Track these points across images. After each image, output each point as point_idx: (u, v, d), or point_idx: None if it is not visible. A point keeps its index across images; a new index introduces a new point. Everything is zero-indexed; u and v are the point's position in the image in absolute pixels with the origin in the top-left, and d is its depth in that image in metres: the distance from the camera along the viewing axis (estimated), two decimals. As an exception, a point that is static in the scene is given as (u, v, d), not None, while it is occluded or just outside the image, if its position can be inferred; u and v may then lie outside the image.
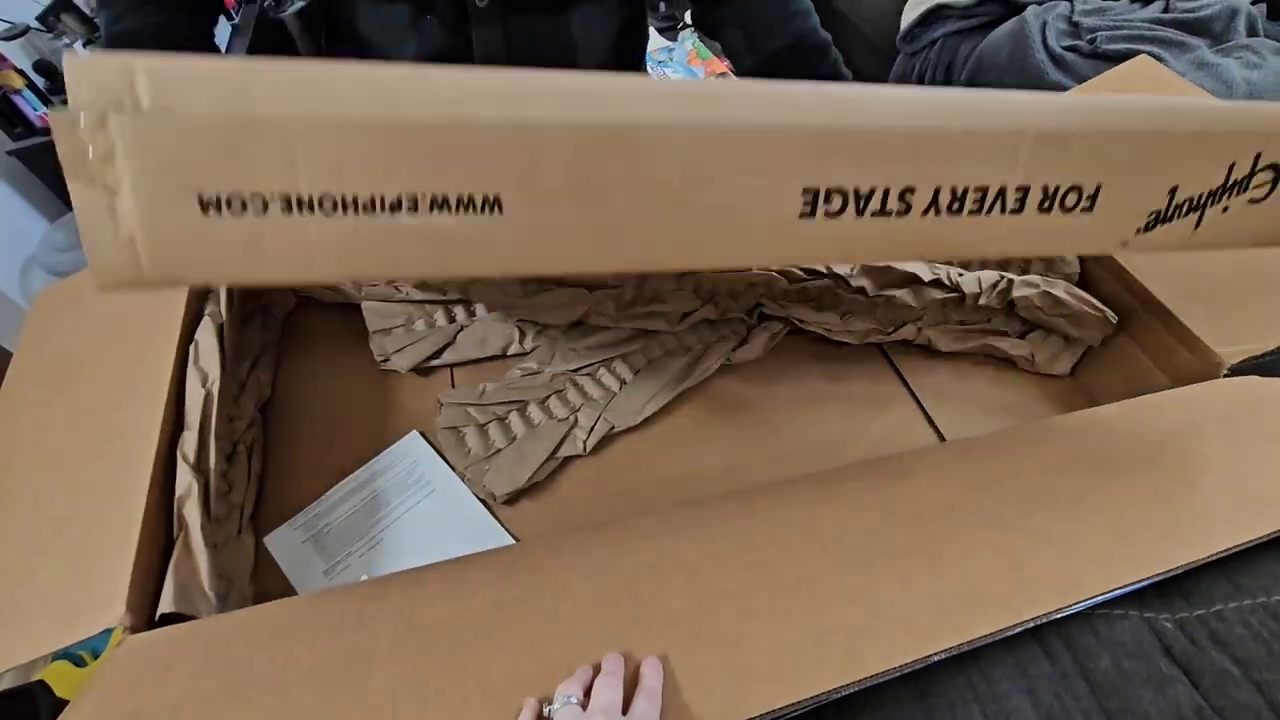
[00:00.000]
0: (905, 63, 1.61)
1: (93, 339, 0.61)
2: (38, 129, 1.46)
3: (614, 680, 0.34)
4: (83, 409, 0.55)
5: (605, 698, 0.33)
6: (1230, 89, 1.05)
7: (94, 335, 0.61)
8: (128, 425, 0.52)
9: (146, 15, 0.58)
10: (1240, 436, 0.43)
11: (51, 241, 1.47)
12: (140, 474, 0.47)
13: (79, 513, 0.47)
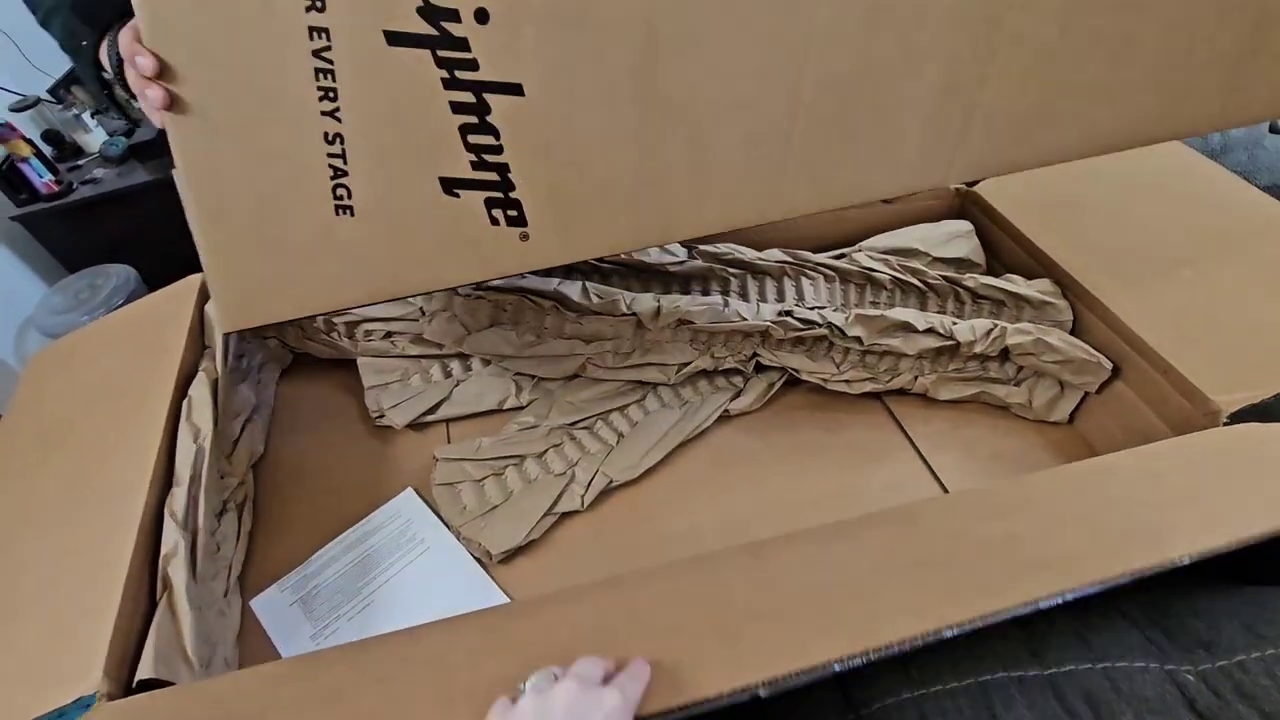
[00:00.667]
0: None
1: (85, 398, 0.60)
2: (41, 195, 1.49)
3: (598, 661, 0.34)
4: (71, 470, 0.54)
5: (584, 667, 0.33)
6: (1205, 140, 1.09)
7: (87, 395, 0.61)
8: (115, 484, 0.50)
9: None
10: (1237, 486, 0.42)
11: (49, 304, 1.47)
12: (126, 533, 0.46)
13: (62, 576, 0.46)
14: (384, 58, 0.36)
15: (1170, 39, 0.44)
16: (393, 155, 0.39)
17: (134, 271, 1.54)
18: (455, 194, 0.40)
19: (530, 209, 0.41)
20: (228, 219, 0.40)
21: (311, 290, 0.42)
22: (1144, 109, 0.46)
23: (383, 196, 0.40)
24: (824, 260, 0.68)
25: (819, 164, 0.44)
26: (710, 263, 0.67)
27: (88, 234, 1.55)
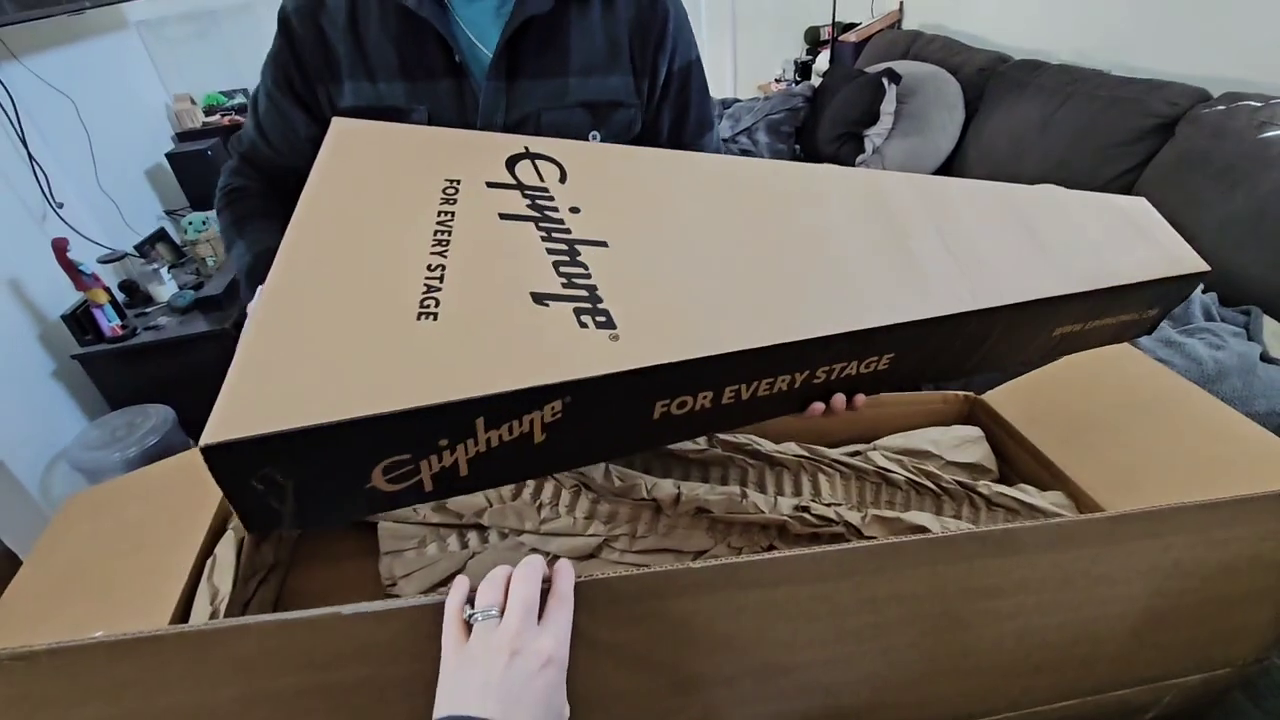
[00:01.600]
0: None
1: (110, 548, 0.61)
2: (106, 338, 1.60)
3: (532, 573, 0.39)
4: (82, 621, 0.54)
5: (522, 592, 0.38)
6: (1200, 366, 1.14)
7: (112, 544, 0.62)
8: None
9: (270, 234, 0.69)
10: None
11: (85, 439, 1.52)
12: (125, 700, 0.45)
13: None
14: (496, 224, 0.45)
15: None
16: (487, 276, 0.42)
17: (172, 412, 1.61)
18: (545, 304, 0.40)
19: (619, 316, 0.40)
20: (290, 316, 0.38)
21: (367, 389, 0.34)
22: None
23: (471, 304, 0.40)
24: (839, 457, 0.70)
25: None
26: (730, 452, 0.70)
27: (138, 375, 1.64)
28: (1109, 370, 0.76)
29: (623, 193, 0.50)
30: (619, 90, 0.69)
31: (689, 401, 0.42)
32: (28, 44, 1.70)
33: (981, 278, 0.49)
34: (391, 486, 0.36)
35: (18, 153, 1.62)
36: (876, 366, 0.47)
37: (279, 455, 0.32)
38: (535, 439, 0.38)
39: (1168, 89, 1.70)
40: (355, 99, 0.67)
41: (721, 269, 0.46)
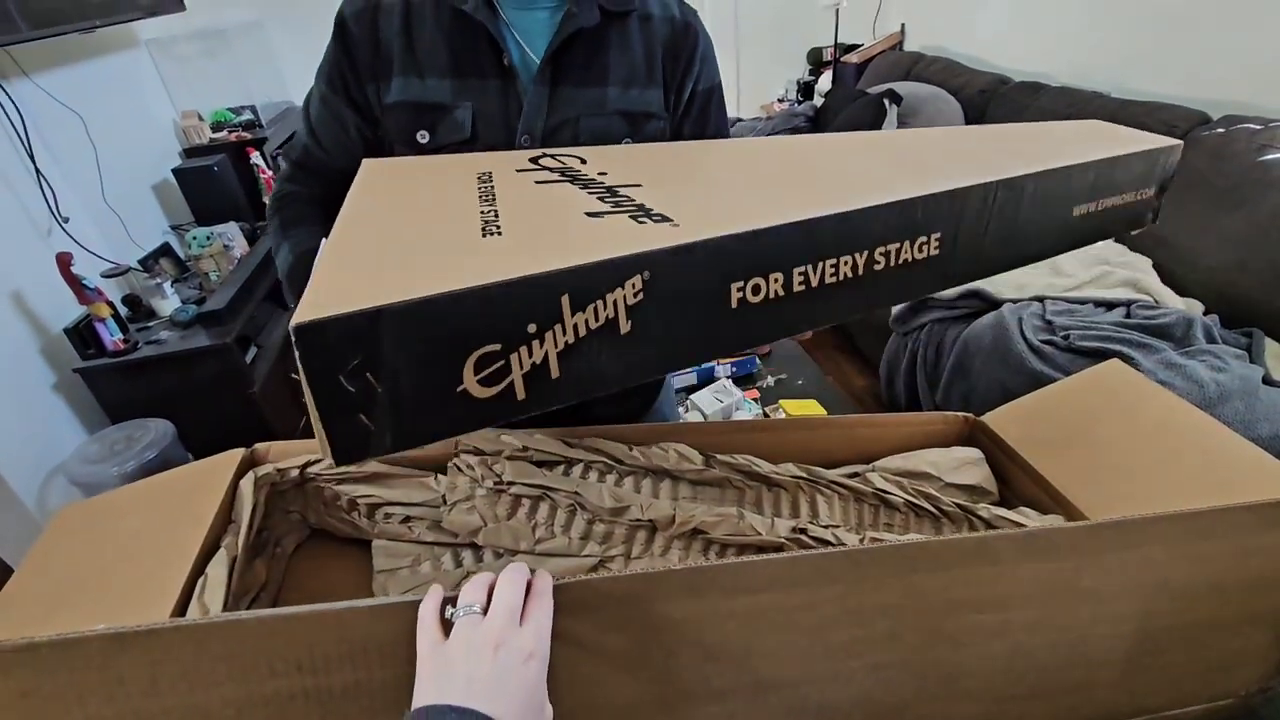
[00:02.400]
0: (898, 340, 1.78)
1: (103, 561, 0.61)
2: (108, 351, 1.60)
3: (517, 577, 0.40)
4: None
5: (507, 594, 0.38)
6: (1202, 388, 1.14)
7: (105, 558, 0.61)
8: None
9: (313, 235, 0.73)
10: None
11: (84, 453, 1.52)
12: None
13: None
14: (534, 188, 0.50)
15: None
16: (539, 211, 0.45)
17: (172, 426, 1.61)
18: (601, 217, 0.43)
19: (674, 215, 0.43)
20: (365, 233, 0.41)
21: (454, 272, 0.34)
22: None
23: (531, 226, 0.42)
24: (837, 478, 0.70)
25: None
26: (727, 472, 0.70)
27: (138, 389, 1.65)
28: (1110, 393, 0.76)
29: (644, 164, 0.56)
30: (653, 103, 0.73)
31: (761, 285, 0.42)
32: (39, 62, 1.72)
33: (994, 162, 0.54)
34: (485, 390, 0.35)
35: (25, 168, 1.63)
36: (929, 250, 0.50)
37: (369, 341, 0.31)
38: (621, 327, 0.37)
39: (1167, 111, 1.72)
40: (402, 94, 0.69)
41: (752, 183, 0.52)
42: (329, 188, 0.76)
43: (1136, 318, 1.39)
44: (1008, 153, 0.59)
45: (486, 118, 0.69)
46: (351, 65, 0.70)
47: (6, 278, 1.54)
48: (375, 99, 0.71)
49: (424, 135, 0.69)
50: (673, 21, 0.73)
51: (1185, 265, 1.57)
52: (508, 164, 0.54)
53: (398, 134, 0.70)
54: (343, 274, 0.35)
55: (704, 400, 1.45)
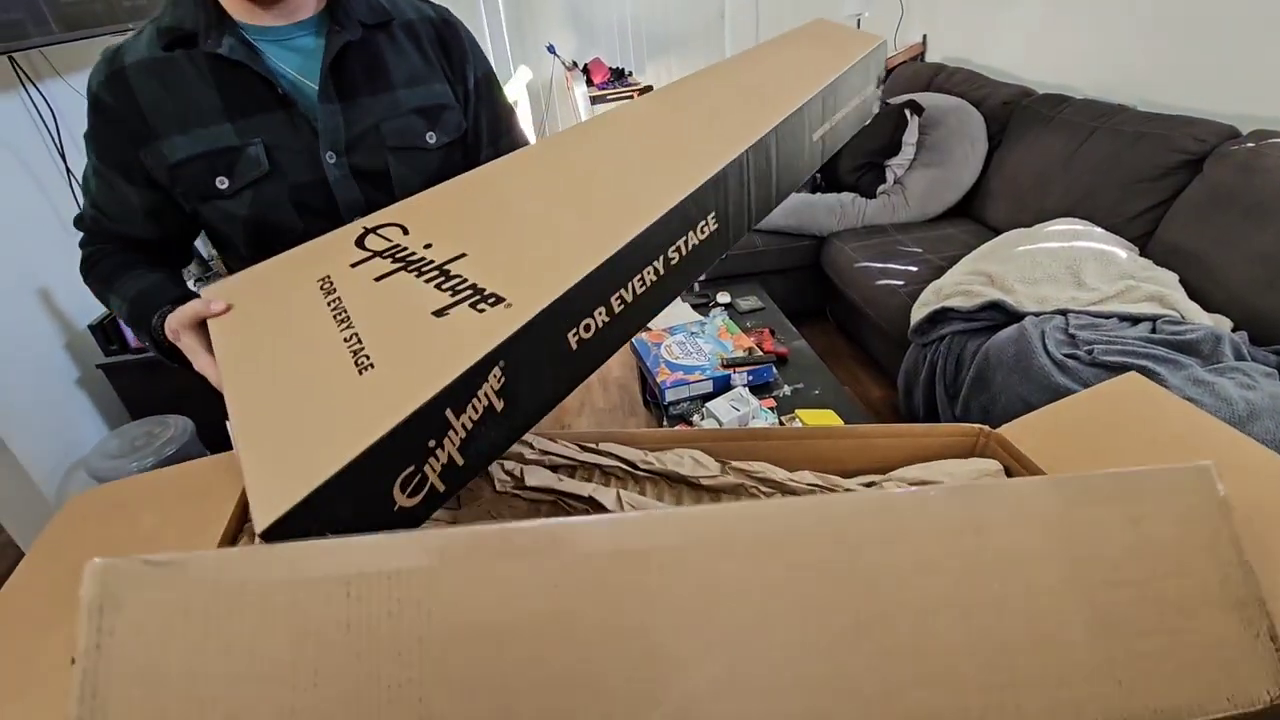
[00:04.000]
0: (917, 352, 1.76)
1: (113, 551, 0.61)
2: (131, 348, 1.63)
3: None
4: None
5: None
6: (1231, 406, 1.11)
7: (116, 547, 0.61)
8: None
9: (135, 279, 0.73)
10: None
11: (105, 448, 1.54)
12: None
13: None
14: (375, 287, 0.55)
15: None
16: (392, 322, 0.50)
17: (191, 423, 1.63)
18: (446, 314, 0.49)
19: (504, 291, 0.49)
20: (264, 421, 0.46)
21: (355, 431, 0.40)
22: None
23: (392, 344, 0.48)
24: (854, 487, 0.69)
25: None
26: (742, 479, 0.69)
27: (160, 385, 1.67)
28: (1128, 406, 0.74)
29: (454, 217, 0.63)
30: (442, 95, 0.78)
31: (591, 323, 0.50)
32: (72, 62, 1.76)
33: (737, 130, 0.61)
34: (413, 500, 0.43)
35: (55, 166, 1.67)
36: (709, 230, 0.58)
37: (319, 509, 0.38)
38: (497, 408, 0.46)
39: (1196, 125, 1.69)
40: (190, 148, 0.69)
41: (554, 226, 0.57)
42: (130, 250, 0.77)
43: (1162, 333, 1.37)
44: (748, 105, 0.67)
45: (282, 148, 0.70)
46: (117, 137, 0.69)
47: (35, 274, 1.58)
48: (153, 163, 0.70)
49: (223, 180, 0.70)
50: (433, 21, 0.78)
51: (1213, 281, 1.54)
52: (338, 258, 0.59)
53: (193, 188, 0.70)
54: (269, 466, 0.41)
55: (720, 408, 1.44)
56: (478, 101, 0.82)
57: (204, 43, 0.67)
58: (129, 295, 0.72)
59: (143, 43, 0.69)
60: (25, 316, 1.55)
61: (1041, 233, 1.80)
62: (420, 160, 0.77)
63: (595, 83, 3.74)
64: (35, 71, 1.62)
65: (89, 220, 0.77)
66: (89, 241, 0.78)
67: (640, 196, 0.56)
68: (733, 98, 0.70)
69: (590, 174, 0.64)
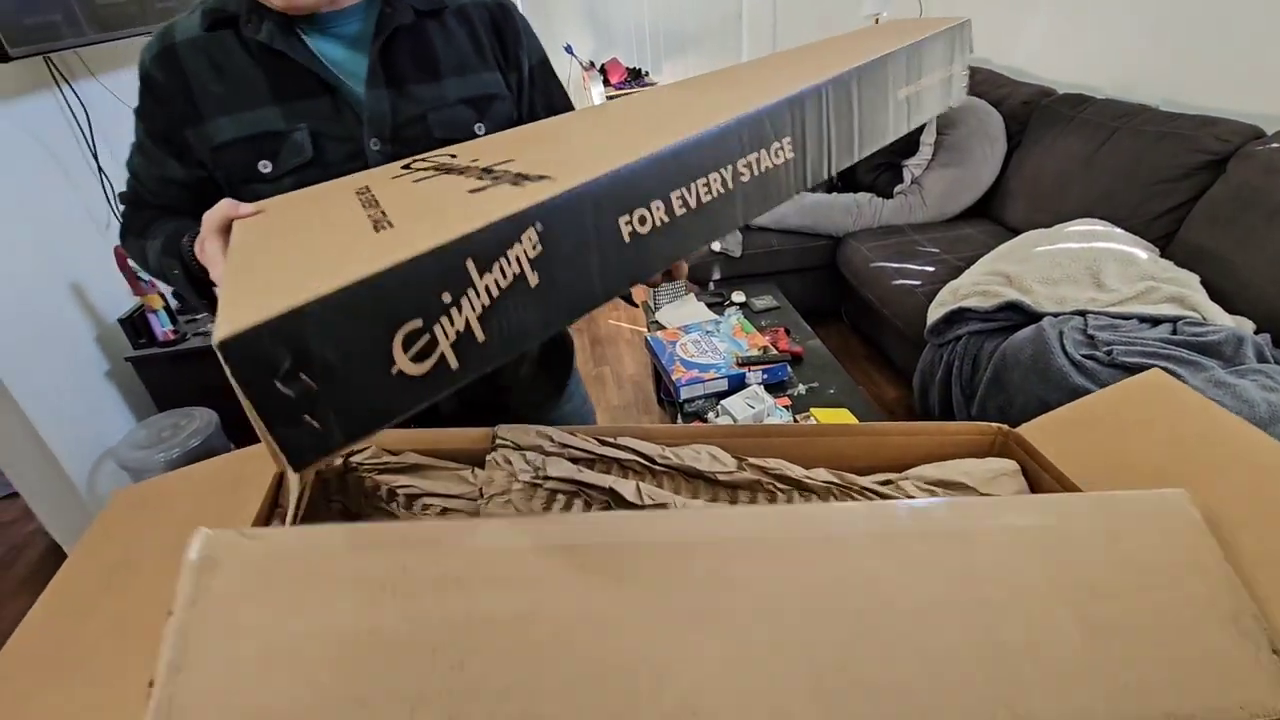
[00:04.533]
0: (932, 353, 1.75)
1: (155, 545, 0.63)
2: (158, 341, 1.67)
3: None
4: (126, 618, 0.55)
5: None
6: (1252, 408, 1.10)
7: (157, 541, 0.64)
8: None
9: (171, 223, 0.73)
10: None
11: (133, 439, 1.58)
12: (163, 690, 0.46)
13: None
14: (414, 187, 0.52)
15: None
16: (423, 201, 0.47)
17: (215, 415, 1.66)
18: (483, 190, 0.46)
19: (550, 171, 0.46)
20: (263, 245, 0.45)
21: (362, 260, 0.35)
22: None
23: (418, 209, 0.45)
24: (870, 485, 0.69)
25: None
26: (758, 475, 0.70)
27: (185, 378, 1.71)
28: (1150, 404, 0.74)
29: (512, 143, 0.58)
30: (492, 84, 0.75)
31: (647, 215, 0.46)
32: (105, 63, 1.80)
33: (821, 69, 0.60)
34: (420, 367, 0.35)
35: (88, 164, 1.71)
36: (784, 155, 0.56)
37: (295, 340, 0.31)
38: (530, 281, 0.39)
39: (1219, 125, 1.67)
40: (235, 131, 0.69)
41: (616, 136, 0.55)
42: (169, 217, 0.77)
43: (1183, 334, 1.36)
44: (829, 60, 0.66)
45: (326, 135, 0.69)
46: (164, 113, 0.70)
47: (68, 269, 1.62)
48: (195, 143, 0.70)
49: (266, 165, 0.69)
50: (488, 5, 0.76)
51: (1236, 282, 1.52)
52: (382, 175, 0.57)
53: (237, 170, 0.70)
54: (251, 288, 0.35)
55: (735, 406, 1.45)
56: (532, 89, 0.79)
57: (244, 27, 0.67)
58: (163, 234, 0.71)
59: (194, 20, 0.69)
60: (58, 311, 1.59)
61: (1061, 233, 1.79)
62: None
63: (612, 83, 3.76)
64: (70, 71, 1.66)
65: (130, 193, 0.77)
66: (128, 215, 0.78)
67: (711, 111, 0.53)
68: (804, 61, 0.68)
69: (654, 113, 0.61)
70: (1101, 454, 0.69)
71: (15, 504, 1.84)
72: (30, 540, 1.82)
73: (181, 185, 0.73)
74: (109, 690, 0.48)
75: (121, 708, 0.46)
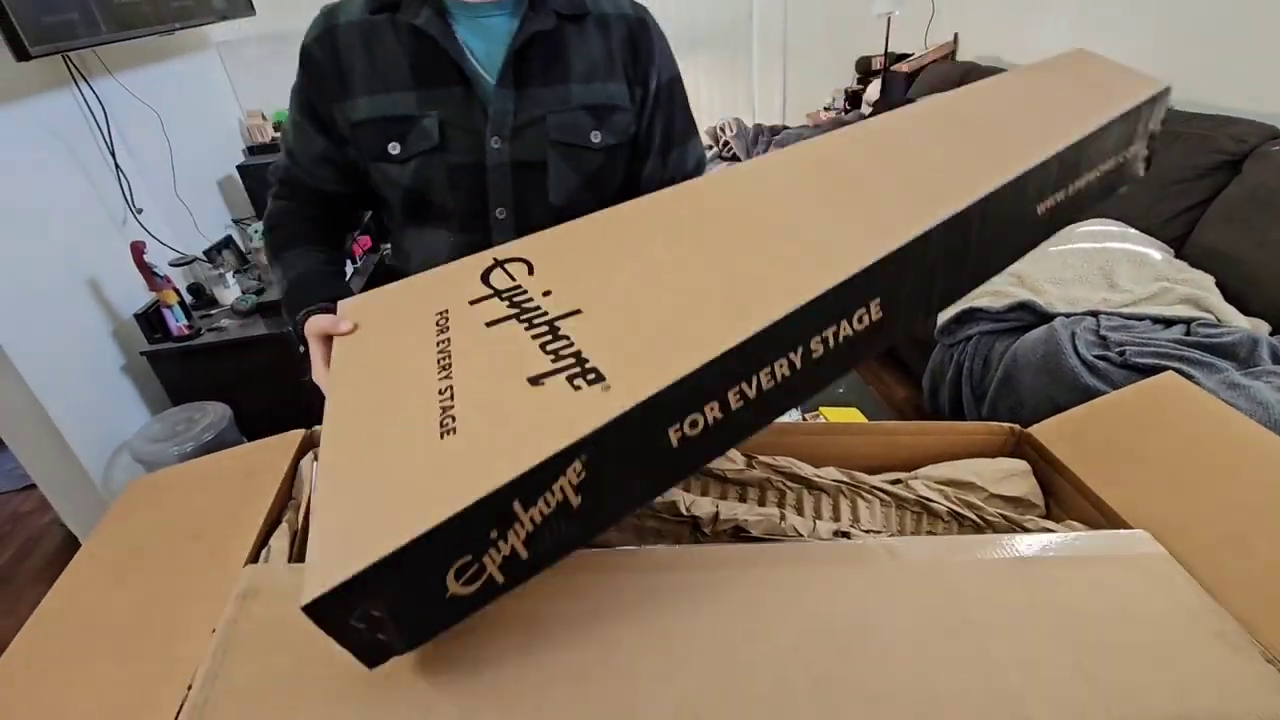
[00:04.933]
0: (943, 353, 1.74)
1: (170, 534, 0.64)
2: (173, 336, 1.69)
3: None
4: (140, 603, 0.56)
5: None
6: (1267, 410, 1.09)
7: (172, 530, 0.65)
8: (179, 627, 0.52)
9: (300, 257, 0.78)
10: None
11: (148, 432, 1.60)
12: (181, 680, 0.47)
13: (108, 715, 0.46)
14: (484, 333, 0.52)
15: None
16: (488, 379, 0.48)
17: (229, 409, 1.68)
18: (541, 383, 0.45)
19: (607, 368, 0.44)
20: (343, 479, 0.44)
21: (413, 513, 0.39)
22: None
23: (481, 409, 0.45)
24: (880, 484, 0.69)
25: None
26: (768, 473, 0.70)
27: (200, 373, 1.72)
28: (1164, 406, 0.74)
29: (583, 261, 0.57)
30: (616, 95, 0.76)
31: (699, 419, 0.43)
32: (122, 61, 1.82)
33: (934, 190, 0.48)
34: (467, 589, 0.40)
35: (105, 162, 1.73)
36: (870, 318, 0.47)
37: (365, 590, 0.37)
38: (573, 504, 0.41)
39: (1235, 125, 1.66)
40: (370, 111, 0.72)
41: (686, 290, 0.49)
42: (311, 205, 0.81)
43: (1197, 335, 1.34)
44: (961, 154, 0.53)
45: (454, 124, 0.72)
46: (318, 90, 0.73)
47: (86, 264, 1.64)
48: (342, 119, 0.73)
49: (395, 146, 0.72)
50: (628, 19, 0.77)
51: (1251, 284, 1.51)
52: (462, 290, 0.57)
53: (369, 149, 0.74)
54: (331, 534, 0.40)
55: (743, 405, 1.45)
56: (654, 108, 0.80)
57: (404, 10, 0.71)
58: (290, 276, 0.77)
59: (358, 3, 0.72)
60: (75, 306, 1.61)
61: (1074, 233, 1.78)
62: (582, 159, 0.76)
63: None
64: (87, 69, 1.68)
65: (282, 169, 0.81)
66: (277, 193, 0.82)
67: (792, 269, 0.47)
68: (948, 138, 0.56)
69: (743, 226, 0.54)
70: (1114, 456, 0.69)
71: (33, 495, 1.87)
72: (47, 531, 1.84)
73: (330, 163, 0.77)
74: (122, 671, 0.49)
75: (141, 688, 0.48)
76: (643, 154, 0.81)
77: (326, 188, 0.80)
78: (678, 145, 0.83)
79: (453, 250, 0.76)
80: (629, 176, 0.82)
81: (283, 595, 0.48)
